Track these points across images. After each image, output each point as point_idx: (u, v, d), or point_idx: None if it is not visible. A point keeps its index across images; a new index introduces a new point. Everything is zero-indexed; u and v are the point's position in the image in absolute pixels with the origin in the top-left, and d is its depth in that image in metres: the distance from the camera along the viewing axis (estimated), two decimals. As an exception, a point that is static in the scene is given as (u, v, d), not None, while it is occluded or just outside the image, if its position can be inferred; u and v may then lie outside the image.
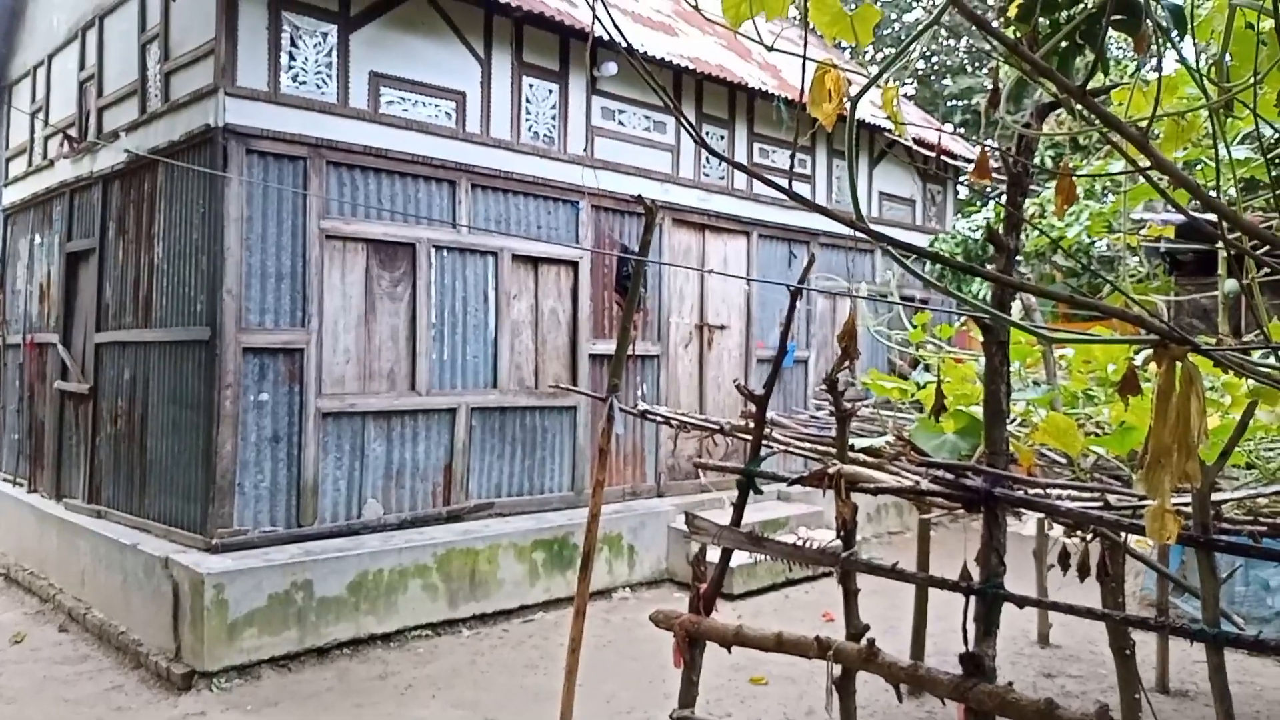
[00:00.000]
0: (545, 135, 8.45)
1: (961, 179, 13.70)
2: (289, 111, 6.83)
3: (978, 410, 4.06)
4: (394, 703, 5.88)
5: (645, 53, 8.68)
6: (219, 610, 6.05)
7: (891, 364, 12.13)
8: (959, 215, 12.72)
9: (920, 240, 12.52)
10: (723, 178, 10.05)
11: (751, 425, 4.50)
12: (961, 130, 15.41)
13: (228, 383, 6.53)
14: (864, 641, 3.25)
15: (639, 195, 4.29)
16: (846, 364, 3.37)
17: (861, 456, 4.02)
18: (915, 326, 5.50)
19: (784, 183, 10.31)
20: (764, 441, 3.83)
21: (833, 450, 3.91)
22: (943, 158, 12.30)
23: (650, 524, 8.70)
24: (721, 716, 5.66)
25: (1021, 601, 3.02)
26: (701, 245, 9.87)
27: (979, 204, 12.05)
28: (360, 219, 7.25)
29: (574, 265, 8.68)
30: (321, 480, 7.01)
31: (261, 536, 6.68)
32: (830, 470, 3.24)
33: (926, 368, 7.87)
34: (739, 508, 3.78)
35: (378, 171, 7.35)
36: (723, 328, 10.14)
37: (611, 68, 8.67)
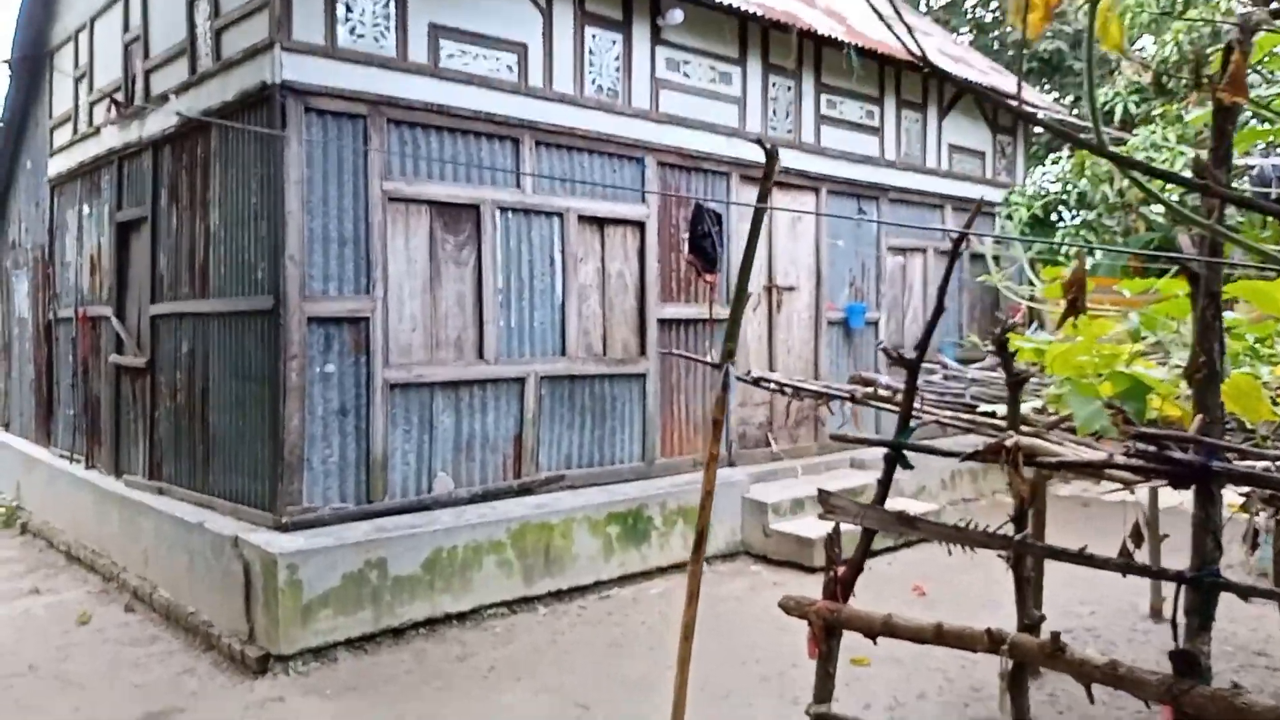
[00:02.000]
0: (609, 89, 8.01)
1: (1036, 132, 13.06)
2: (347, 67, 6.45)
3: (1138, 371, 3.64)
4: (478, 687, 5.60)
5: (713, -1, 8.20)
6: (293, 591, 5.79)
7: (961, 332, 11.63)
8: (1030, 169, 12.10)
9: (992, 194, 11.95)
10: (790, 131, 9.56)
11: (876, 391, 4.11)
12: (1028, 79, 14.71)
13: (293, 354, 6.23)
14: (1045, 634, 2.87)
15: (758, 139, 3.86)
16: (1071, 319, 2.93)
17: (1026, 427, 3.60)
18: (1045, 281, 5.03)
19: (853, 134, 9.78)
20: (913, 411, 3.42)
21: (987, 420, 3.50)
22: (1005, 102, 11.68)
23: (724, 494, 8.31)
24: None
25: (1246, 592, 2.62)
26: (769, 202, 9.40)
27: (1046, 158, 11.44)
28: (423, 180, 6.89)
29: (640, 226, 8.27)
30: (390, 454, 6.72)
31: (332, 513, 6.41)
32: (1008, 443, 2.84)
33: (1041, 325, 7.42)
34: (884, 484, 3.40)
35: (439, 130, 6.97)
36: (791, 289, 9.70)
37: (678, 15, 8.19)
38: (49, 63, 10.14)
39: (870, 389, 4.31)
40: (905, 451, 3.33)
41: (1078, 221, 9.86)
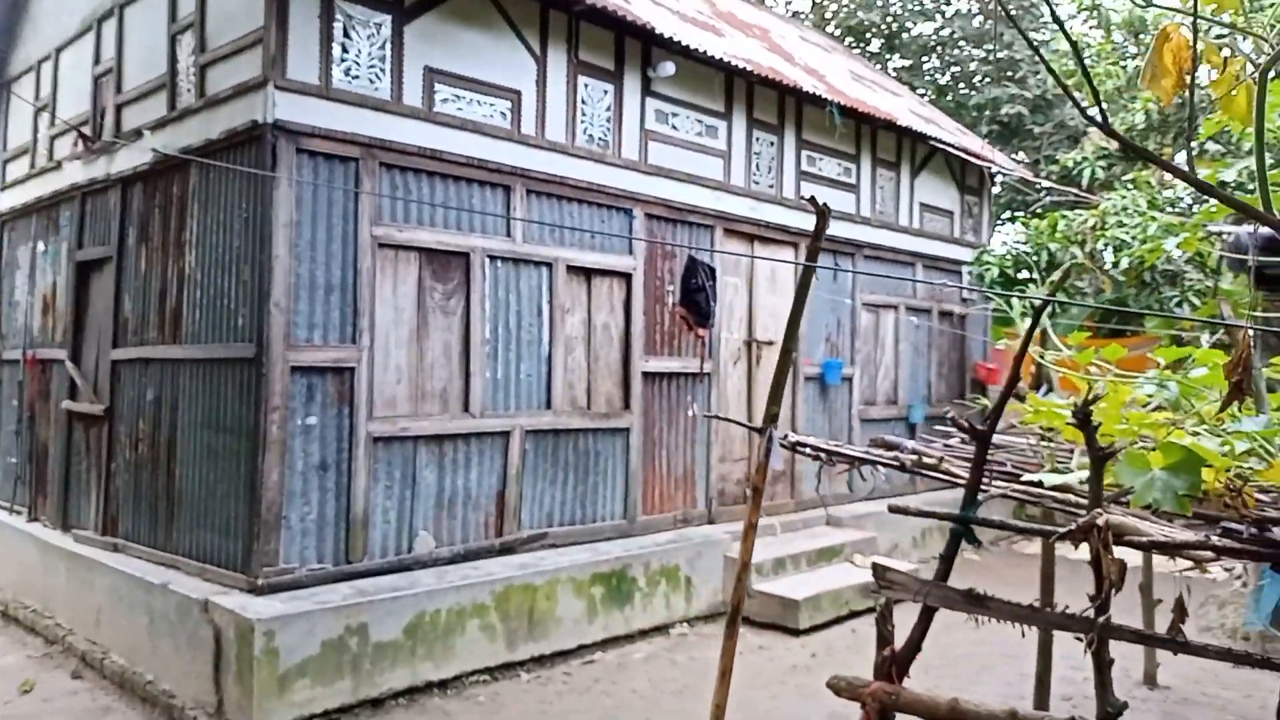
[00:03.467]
0: (600, 139, 7.90)
1: (997, 184, 13.33)
2: (341, 108, 6.24)
3: (1194, 443, 3.56)
4: (470, 764, 5.27)
5: (705, 52, 8.18)
6: (269, 660, 5.41)
7: (930, 386, 11.68)
8: (995, 229, 12.32)
9: (959, 253, 12.12)
10: (772, 185, 9.56)
11: (923, 458, 3.97)
12: (991, 142, 15.05)
13: (275, 405, 5.90)
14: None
15: (812, 197, 3.74)
16: (1236, 401, 2.82)
17: (1066, 496, 3.49)
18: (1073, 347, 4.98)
19: (831, 191, 9.84)
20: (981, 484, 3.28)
21: (1052, 494, 3.37)
22: (983, 164, 11.91)
23: (706, 553, 8.14)
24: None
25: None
26: (751, 255, 9.36)
27: (1014, 216, 11.66)
28: (414, 226, 6.66)
29: (627, 277, 8.13)
30: (371, 511, 6.39)
31: (309, 575, 6.04)
32: (1099, 522, 2.71)
33: (1051, 388, 7.41)
34: (948, 559, 3.24)
35: (431, 175, 6.77)
36: (770, 343, 9.61)
37: (669, 67, 8.15)
38: (5, 93, 9.71)
39: (896, 453, 4.17)
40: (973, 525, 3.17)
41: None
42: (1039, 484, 3.76)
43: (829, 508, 9.85)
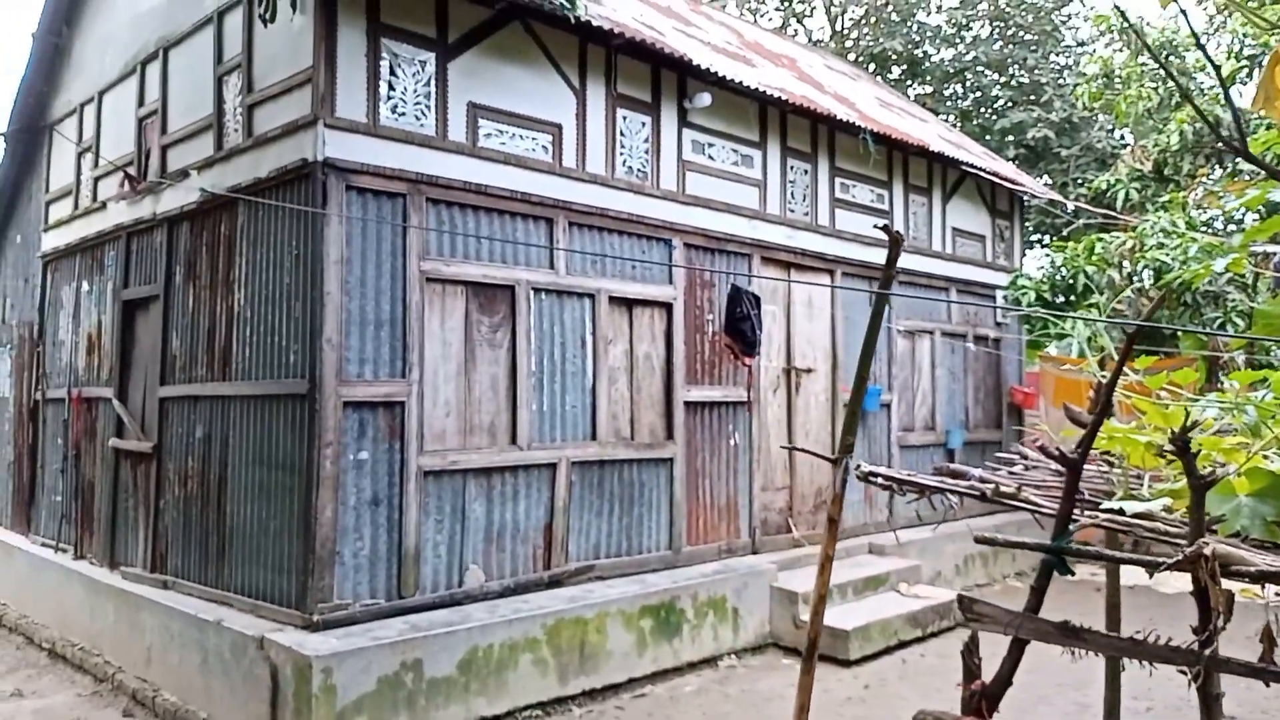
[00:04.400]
0: (639, 170, 7.94)
1: (1028, 218, 13.30)
2: (388, 145, 6.30)
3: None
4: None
5: (741, 83, 8.23)
6: (327, 697, 5.38)
7: (967, 410, 11.59)
8: (1025, 253, 12.27)
9: (992, 277, 12.08)
10: (807, 214, 9.57)
11: (999, 487, 3.92)
12: (1018, 166, 15.03)
13: (328, 440, 5.91)
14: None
15: (886, 225, 3.73)
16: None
17: (1154, 524, 3.43)
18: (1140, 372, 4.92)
19: (864, 218, 9.85)
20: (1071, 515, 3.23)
21: (1140, 523, 3.32)
22: (1014, 188, 11.89)
23: (752, 584, 8.07)
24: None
25: None
26: (788, 283, 9.35)
27: (1046, 239, 11.63)
28: (460, 260, 6.70)
29: (667, 307, 8.13)
30: (423, 546, 6.37)
31: (363, 610, 6.02)
32: (1205, 553, 2.66)
33: (1110, 414, 7.32)
34: (1039, 591, 3.19)
35: (476, 209, 6.81)
36: (809, 371, 9.59)
37: (705, 98, 8.20)
38: (48, 135, 9.85)
39: (972, 482, 4.11)
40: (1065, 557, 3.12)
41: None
42: (1120, 511, 3.70)
43: (869, 537, 9.79)
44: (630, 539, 7.74)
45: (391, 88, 6.37)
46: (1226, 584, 2.90)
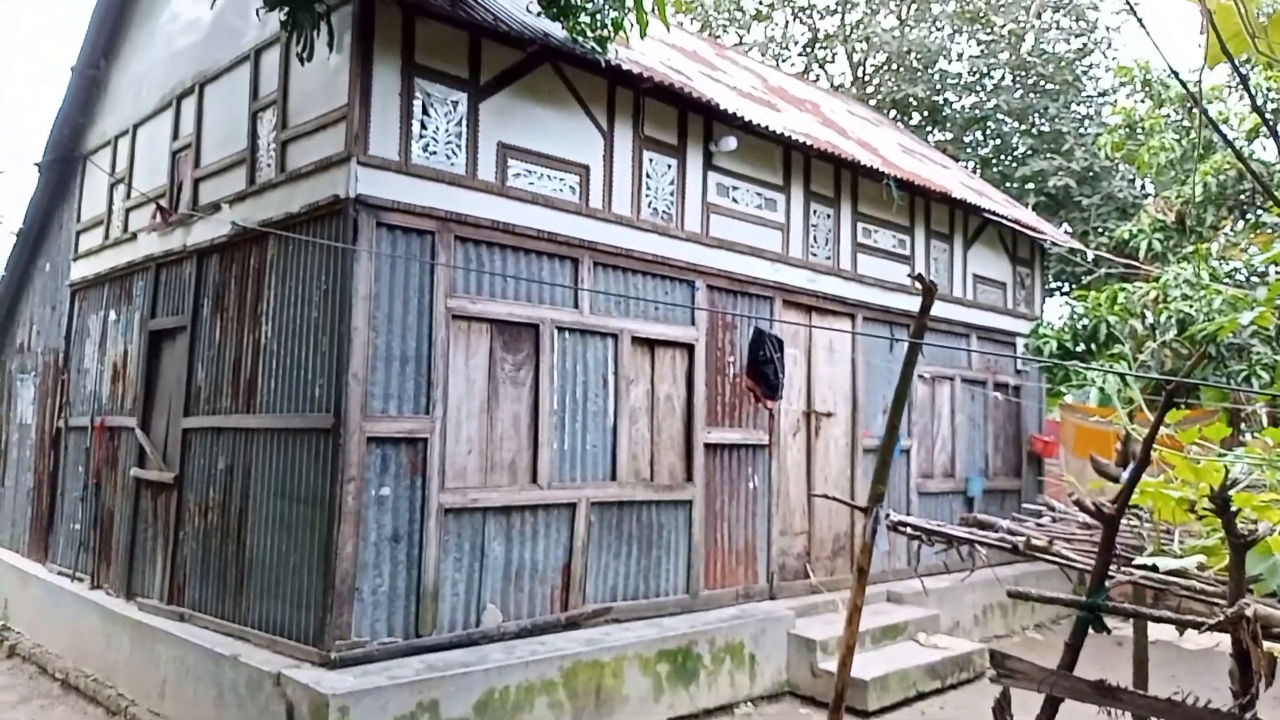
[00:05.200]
0: (664, 211, 8.00)
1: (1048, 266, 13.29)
2: (419, 182, 6.37)
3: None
4: None
5: (767, 127, 8.30)
6: (342, 736, 5.32)
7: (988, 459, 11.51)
8: (1045, 301, 12.24)
9: (1014, 325, 12.04)
10: (829, 257, 9.60)
11: (1030, 540, 3.87)
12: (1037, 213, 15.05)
13: (351, 476, 5.91)
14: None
15: (919, 274, 3.73)
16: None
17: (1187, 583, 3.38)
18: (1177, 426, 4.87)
19: (886, 263, 9.87)
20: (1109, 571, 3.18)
21: (1176, 580, 3.27)
22: (1035, 236, 11.90)
23: (770, 631, 7.97)
24: None
25: None
26: (809, 326, 9.35)
27: (1066, 287, 11.61)
28: (486, 298, 6.73)
29: (689, 348, 8.14)
30: (441, 584, 6.34)
31: (380, 649, 5.98)
32: (1247, 614, 2.62)
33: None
34: (1073, 649, 3.13)
35: (503, 248, 6.86)
36: (829, 415, 9.55)
37: (731, 142, 8.27)
38: (82, 166, 10.01)
39: (1002, 534, 4.06)
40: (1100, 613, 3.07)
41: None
42: (1153, 568, 3.65)
43: (889, 584, 9.68)
44: (648, 581, 7.68)
45: (424, 126, 6.45)
46: (1267, 645, 2.85)
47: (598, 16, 6.78)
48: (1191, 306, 8.71)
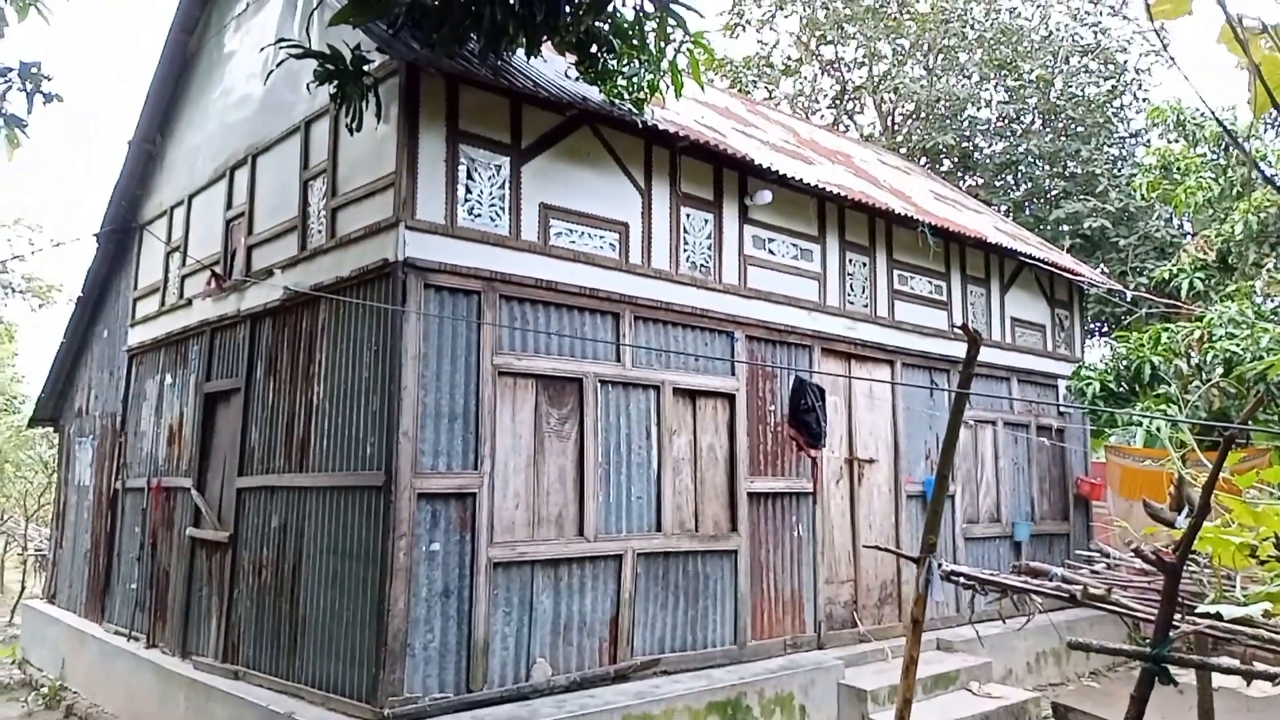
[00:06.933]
0: (702, 265, 8.14)
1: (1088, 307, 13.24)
2: (465, 244, 6.57)
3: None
4: None
5: (801, 180, 8.45)
6: (397, 793, 5.37)
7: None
8: (1085, 343, 12.17)
9: (1053, 367, 11.98)
10: (866, 305, 9.66)
11: (1088, 588, 3.87)
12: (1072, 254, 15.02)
13: (402, 532, 6.03)
14: None
15: (964, 324, 3.81)
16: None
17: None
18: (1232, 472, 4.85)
19: (923, 309, 9.91)
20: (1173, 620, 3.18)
21: (1244, 629, 3.25)
22: (1073, 279, 11.88)
23: (820, 681, 7.91)
24: None
25: None
26: (848, 374, 9.39)
27: (1105, 329, 11.56)
28: (530, 354, 6.88)
29: (730, 398, 8.22)
30: (491, 638, 6.40)
31: (432, 705, 6.04)
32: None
33: (1192, 510, 7.19)
34: (1140, 700, 3.11)
35: (546, 305, 7.03)
36: (871, 461, 9.55)
37: (766, 196, 8.42)
38: (138, 235, 10.39)
39: (1058, 583, 4.06)
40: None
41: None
42: (1217, 616, 3.63)
43: (939, 632, 9.57)
44: (695, 632, 7.68)
45: (468, 190, 6.66)
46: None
47: (634, 79, 7.00)
48: (1238, 345, 8.64)
